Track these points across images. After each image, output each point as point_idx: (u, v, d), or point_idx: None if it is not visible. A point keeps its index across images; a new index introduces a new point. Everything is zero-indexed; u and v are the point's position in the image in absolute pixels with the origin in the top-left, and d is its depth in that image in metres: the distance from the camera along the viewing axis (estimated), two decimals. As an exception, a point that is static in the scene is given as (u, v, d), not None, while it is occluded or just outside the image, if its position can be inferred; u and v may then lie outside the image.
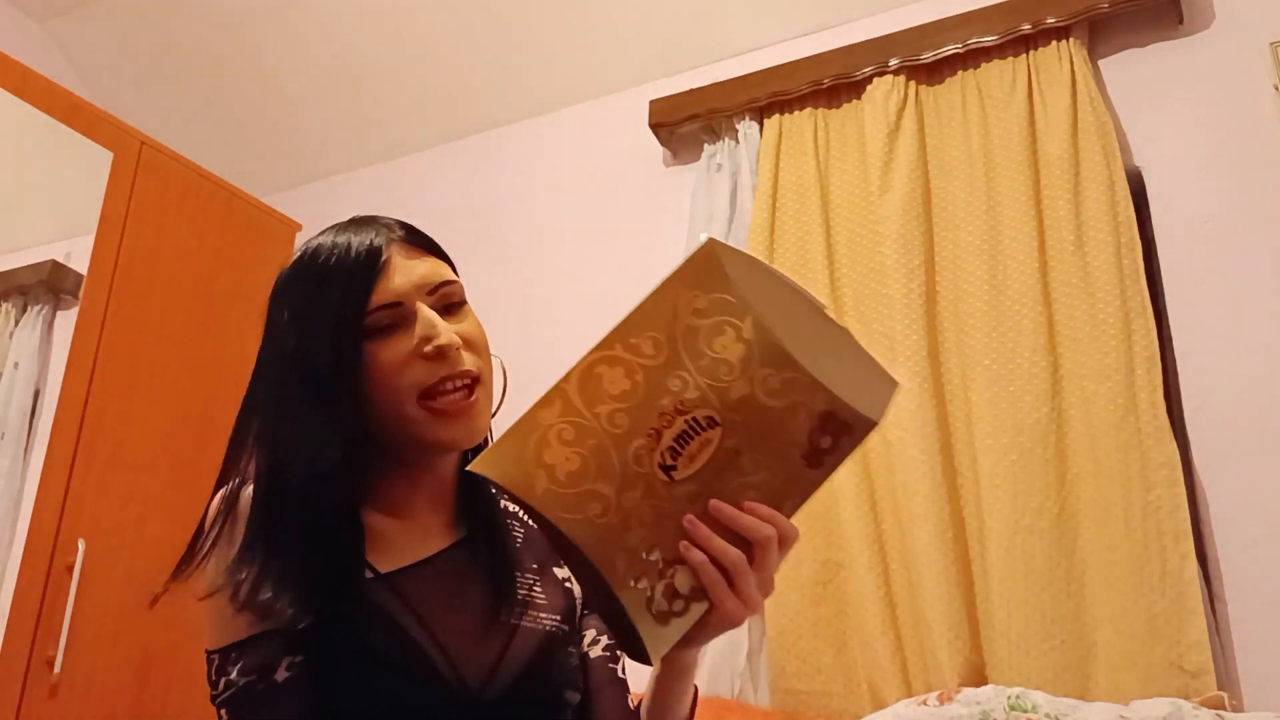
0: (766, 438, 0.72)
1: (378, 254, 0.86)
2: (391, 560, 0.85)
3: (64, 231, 2.07)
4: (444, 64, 2.63)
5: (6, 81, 1.96)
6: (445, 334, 0.84)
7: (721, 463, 0.72)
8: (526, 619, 0.88)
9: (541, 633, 0.88)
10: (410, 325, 0.85)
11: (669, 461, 0.71)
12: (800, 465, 0.72)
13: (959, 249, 1.93)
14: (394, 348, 0.84)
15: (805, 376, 0.72)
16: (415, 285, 0.86)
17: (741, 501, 0.72)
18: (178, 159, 2.31)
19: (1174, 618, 1.54)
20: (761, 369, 0.72)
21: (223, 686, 0.79)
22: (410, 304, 0.85)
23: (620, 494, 0.71)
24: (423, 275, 0.87)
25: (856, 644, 1.78)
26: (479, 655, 0.83)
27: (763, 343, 0.72)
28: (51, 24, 2.80)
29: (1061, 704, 1.43)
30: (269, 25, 2.66)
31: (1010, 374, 1.79)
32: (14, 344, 1.96)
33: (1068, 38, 1.94)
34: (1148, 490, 1.62)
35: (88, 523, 1.93)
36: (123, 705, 1.92)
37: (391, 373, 0.83)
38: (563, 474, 0.71)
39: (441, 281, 0.88)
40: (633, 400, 0.71)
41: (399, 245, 0.89)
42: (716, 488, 0.72)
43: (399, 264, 0.87)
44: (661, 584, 0.71)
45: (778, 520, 0.72)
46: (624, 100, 2.49)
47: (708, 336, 0.72)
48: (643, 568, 0.71)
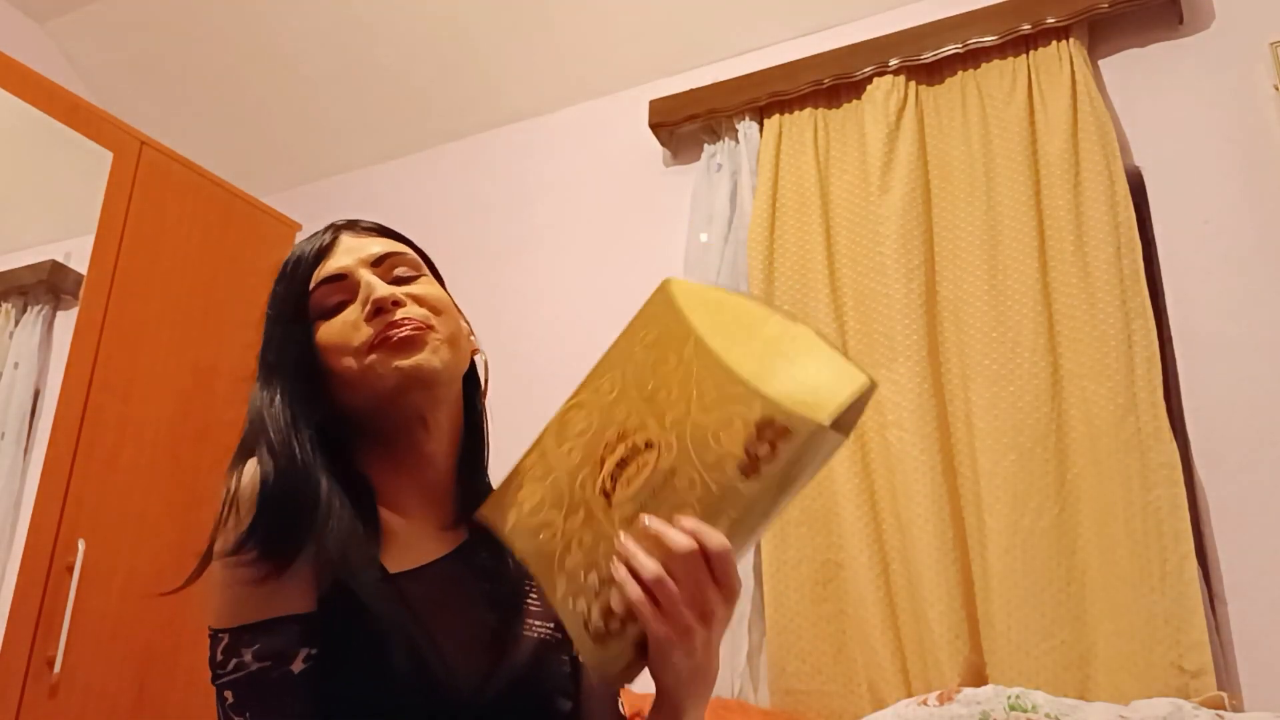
0: (701, 453, 0.71)
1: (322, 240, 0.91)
2: (398, 561, 0.86)
3: (64, 231, 2.07)
4: (444, 64, 2.63)
5: (6, 81, 1.96)
6: (383, 289, 0.86)
7: (657, 483, 0.72)
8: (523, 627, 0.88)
9: (536, 641, 0.88)
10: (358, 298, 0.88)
11: (608, 486, 0.74)
12: (735, 477, 0.70)
13: (959, 249, 1.93)
14: (344, 319, 0.87)
15: (740, 387, 0.71)
16: (359, 259, 0.90)
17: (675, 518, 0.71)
18: (178, 159, 2.30)
19: (1174, 618, 1.54)
20: (699, 386, 0.73)
21: (232, 667, 0.78)
22: (354, 276, 0.88)
23: (565, 520, 0.74)
24: (368, 250, 0.90)
25: (856, 644, 1.78)
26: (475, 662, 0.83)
27: (701, 360, 0.73)
28: (51, 24, 2.80)
29: (1061, 704, 1.43)
30: (269, 25, 2.66)
31: (1010, 374, 1.79)
32: (14, 344, 1.96)
33: (1068, 38, 1.94)
34: (1148, 490, 1.62)
35: (88, 523, 1.93)
36: (123, 705, 1.92)
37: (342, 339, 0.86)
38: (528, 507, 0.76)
39: (386, 253, 0.91)
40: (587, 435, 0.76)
41: (347, 231, 0.93)
42: (653, 508, 0.72)
43: (344, 243, 0.91)
44: (597, 604, 0.72)
45: (701, 533, 0.69)
46: (624, 100, 2.49)
47: (653, 365, 0.75)
48: (580, 589, 0.73)
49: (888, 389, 1.86)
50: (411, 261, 0.93)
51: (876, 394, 2.05)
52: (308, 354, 0.87)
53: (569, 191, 2.52)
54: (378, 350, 0.85)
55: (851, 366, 0.71)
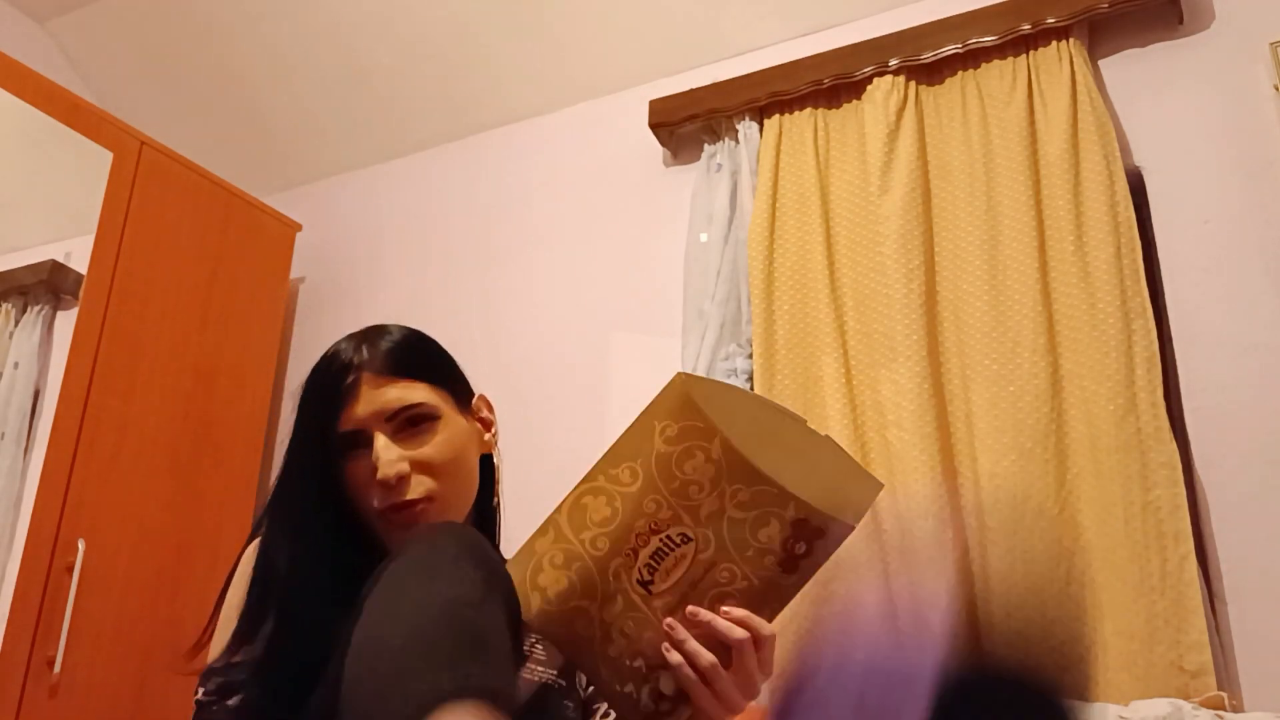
0: (740, 548, 0.78)
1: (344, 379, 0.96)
2: None
3: (64, 231, 2.08)
4: (444, 64, 2.63)
5: (6, 81, 1.96)
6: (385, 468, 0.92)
7: (697, 575, 0.79)
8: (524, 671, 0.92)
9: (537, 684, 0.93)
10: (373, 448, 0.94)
11: (646, 577, 0.79)
12: (776, 571, 0.78)
13: (959, 249, 1.93)
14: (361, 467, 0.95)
15: (774, 488, 0.78)
16: (374, 413, 0.95)
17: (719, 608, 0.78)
18: (178, 159, 2.31)
19: (1174, 618, 1.54)
20: (731, 485, 0.79)
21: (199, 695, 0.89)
22: (370, 431, 0.94)
23: (601, 609, 0.79)
24: (384, 403, 0.95)
25: (856, 644, 1.78)
26: None
27: (730, 460, 0.79)
28: (51, 24, 2.80)
29: (1061, 704, 1.43)
30: (269, 25, 2.66)
31: (1010, 374, 1.79)
32: (14, 344, 1.96)
33: (1068, 38, 1.94)
34: (1148, 490, 1.62)
35: (88, 523, 1.93)
36: (123, 705, 1.92)
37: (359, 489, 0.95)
38: (553, 594, 0.79)
39: (402, 407, 0.96)
40: (612, 524, 0.80)
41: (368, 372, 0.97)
42: (694, 598, 0.79)
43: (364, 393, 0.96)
44: (646, 688, 0.79)
45: (751, 622, 0.78)
46: (624, 100, 2.49)
47: (679, 460, 0.79)
48: (628, 674, 0.79)
49: (888, 389, 1.86)
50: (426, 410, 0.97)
51: (877, 394, 2.05)
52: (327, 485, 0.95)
53: (569, 191, 2.52)
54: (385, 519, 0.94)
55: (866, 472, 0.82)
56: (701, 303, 2.13)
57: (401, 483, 0.93)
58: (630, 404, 2.38)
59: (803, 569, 0.79)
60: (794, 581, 0.79)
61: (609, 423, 2.22)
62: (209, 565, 2.13)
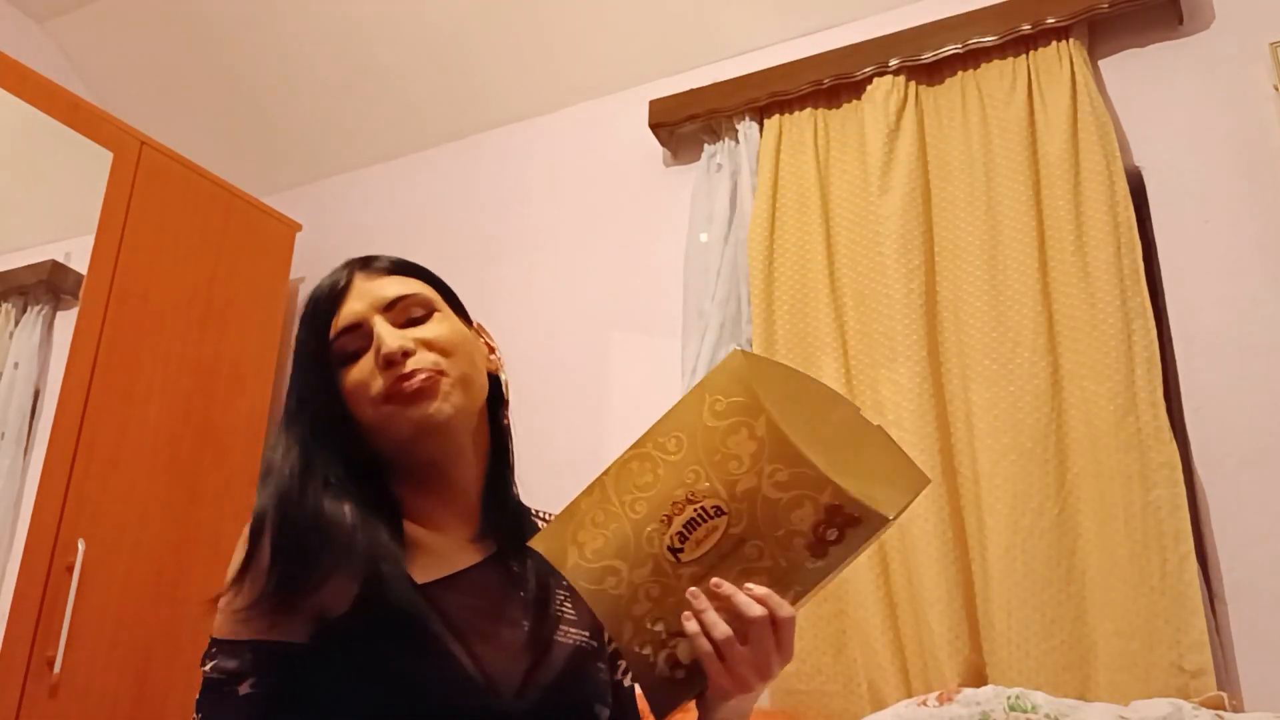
0: (771, 527, 0.79)
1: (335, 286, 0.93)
2: (428, 571, 0.88)
3: (64, 231, 2.08)
4: (444, 64, 2.63)
5: (6, 81, 1.96)
6: (390, 342, 0.89)
7: (726, 549, 0.79)
8: (559, 634, 0.90)
9: (571, 647, 0.91)
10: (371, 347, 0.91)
11: (677, 544, 0.80)
12: (804, 554, 0.78)
13: (959, 249, 1.93)
14: (361, 368, 0.90)
15: (813, 471, 0.78)
16: (370, 304, 0.92)
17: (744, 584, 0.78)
18: (178, 159, 2.31)
19: (1174, 618, 1.54)
20: (771, 464, 0.79)
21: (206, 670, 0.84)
22: (368, 323, 0.91)
23: (632, 570, 0.81)
24: (379, 294, 0.93)
25: (856, 644, 1.78)
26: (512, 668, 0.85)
27: (774, 440, 0.79)
28: (51, 24, 2.80)
29: (1061, 704, 1.43)
30: (269, 25, 2.66)
31: (1010, 374, 1.79)
32: (14, 344, 1.96)
33: (1068, 38, 1.94)
34: (1148, 490, 1.62)
35: (88, 523, 1.93)
36: (123, 705, 1.92)
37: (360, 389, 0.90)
38: (589, 551, 0.82)
39: (398, 296, 0.93)
40: (652, 490, 0.82)
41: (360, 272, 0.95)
42: (721, 571, 0.79)
43: (356, 288, 0.93)
44: (664, 653, 0.80)
45: (770, 600, 0.77)
46: (624, 100, 2.49)
47: (723, 435, 0.81)
48: (647, 636, 0.80)
49: (888, 389, 1.86)
50: (424, 300, 0.95)
51: (877, 394, 2.05)
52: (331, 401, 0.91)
53: (569, 191, 2.52)
54: (392, 402, 0.89)
55: (913, 465, 0.81)
56: (701, 303, 2.13)
57: (405, 358, 0.89)
58: (630, 404, 2.40)
59: (832, 555, 0.78)
60: (821, 567, 0.78)
61: (609, 423, 2.22)
62: (209, 565, 2.13)
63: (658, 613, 0.80)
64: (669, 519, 0.81)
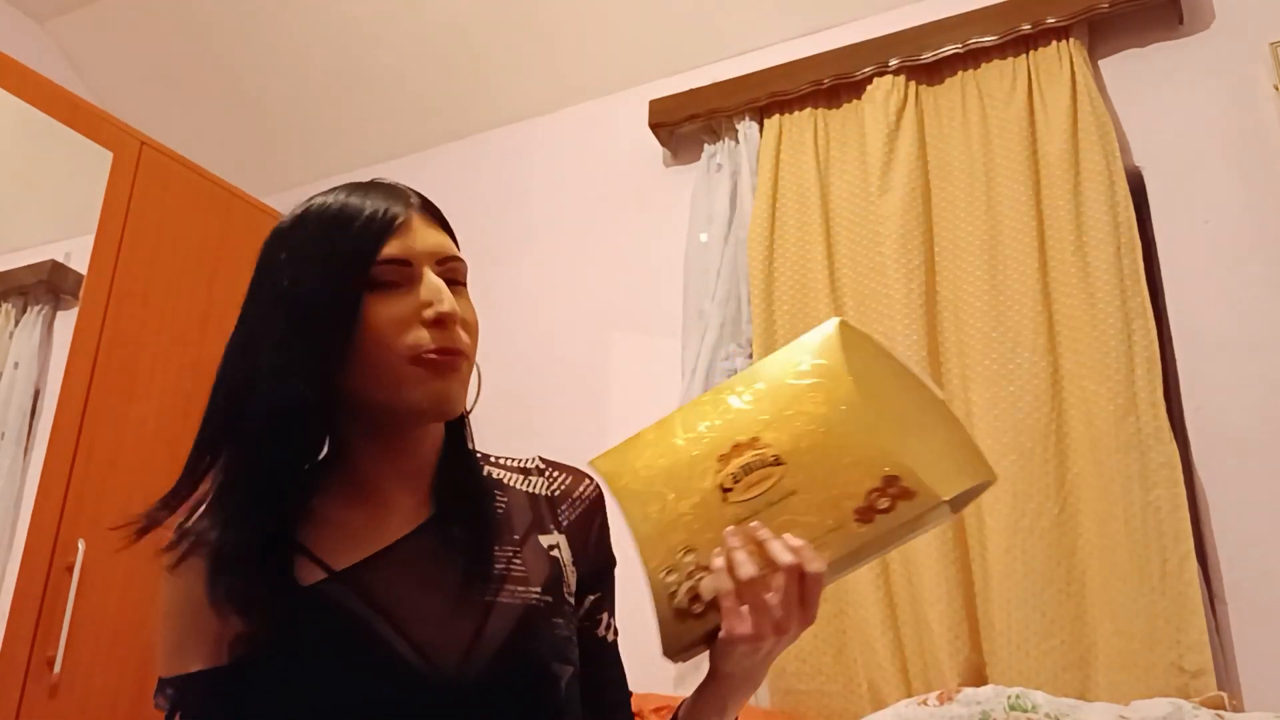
0: (825, 486, 0.79)
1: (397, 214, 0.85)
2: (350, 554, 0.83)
3: (64, 231, 2.07)
4: (443, 64, 2.63)
5: (6, 81, 1.96)
6: (450, 303, 0.82)
7: (775, 498, 0.80)
8: (504, 594, 0.85)
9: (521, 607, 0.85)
10: (415, 287, 0.83)
11: (728, 484, 0.81)
12: (850, 517, 0.78)
13: (959, 249, 1.93)
14: (396, 305, 0.82)
15: (877, 438, 0.79)
16: (429, 251, 0.85)
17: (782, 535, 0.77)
18: (178, 159, 2.30)
19: (1174, 618, 1.54)
20: (840, 426, 0.80)
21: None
22: (419, 267, 0.84)
23: (678, 499, 0.82)
24: (437, 243, 0.87)
25: (856, 644, 1.78)
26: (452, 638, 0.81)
27: (848, 403, 0.81)
28: (51, 24, 2.80)
29: (1061, 704, 1.43)
30: (269, 25, 2.66)
31: (1010, 374, 1.79)
32: (14, 344, 1.96)
33: (1068, 38, 1.94)
34: (1148, 490, 1.62)
35: (88, 523, 1.93)
36: (123, 705, 1.92)
37: (390, 329, 0.81)
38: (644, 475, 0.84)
39: (451, 255, 0.88)
40: (718, 430, 0.83)
41: (419, 212, 0.88)
42: (765, 519, 0.79)
43: (417, 227, 0.86)
44: (687, 584, 0.80)
45: (804, 552, 0.76)
46: (624, 100, 2.49)
47: (800, 392, 0.83)
48: (675, 565, 0.80)
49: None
50: (464, 270, 0.90)
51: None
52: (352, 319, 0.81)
53: (569, 191, 2.52)
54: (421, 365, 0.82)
55: (982, 457, 0.80)
56: (701, 303, 2.13)
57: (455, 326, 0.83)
58: (630, 404, 2.39)
59: (878, 524, 0.77)
60: (865, 533, 0.77)
61: (609, 423, 2.22)
62: (209, 565, 2.12)
63: (691, 543, 0.80)
64: (726, 458, 0.82)
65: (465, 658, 0.80)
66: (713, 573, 0.78)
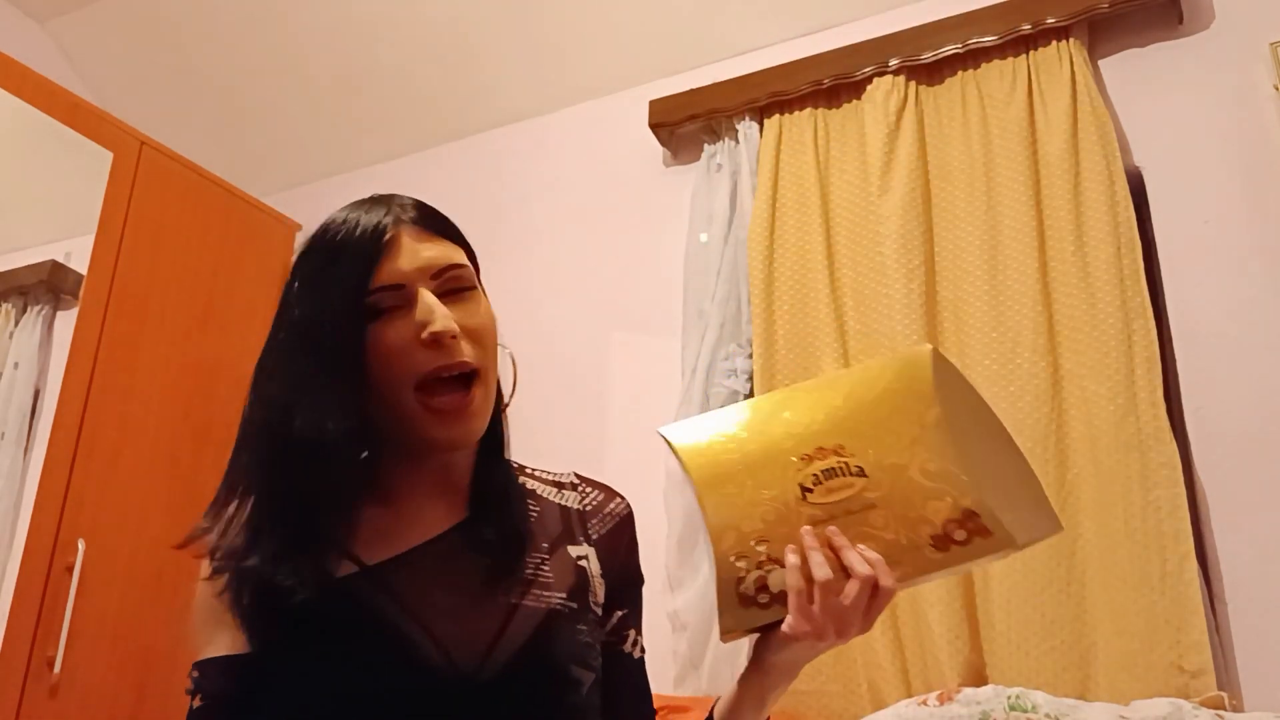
0: (904, 506, 0.81)
1: (384, 233, 0.86)
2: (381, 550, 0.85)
3: (64, 231, 2.07)
4: (443, 65, 2.63)
5: (6, 81, 1.96)
6: (442, 321, 0.83)
7: (854, 507, 0.81)
8: (529, 598, 0.86)
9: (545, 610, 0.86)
10: (413, 309, 0.84)
11: (809, 485, 0.82)
12: (926, 543, 0.80)
13: (959, 249, 1.93)
14: (396, 330, 0.83)
15: (965, 474, 0.81)
16: (419, 268, 0.85)
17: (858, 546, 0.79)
18: (178, 159, 2.30)
19: (1174, 618, 1.54)
20: (926, 452, 0.82)
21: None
22: (412, 287, 0.85)
23: (757, 489, 0.82)
24: (429, 258, 0.86)
25: (856, 644, 1.78)
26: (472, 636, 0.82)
27: (938, 432, 0.83)
28: (51, 24, 2.80)
29: (1061, 704, 1.43)
30: (269, 26, 2.66)
31: (1010, 374, 1.79)
32: (14, 344, 1.96)
33: (1068, 38, 1.94)
34: (1148, 490, 1.62)
35: (88, 523, 1.93)
36: (123, 705, 1.92)
37: (392, 355, 0.83)
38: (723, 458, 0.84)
39: (447, 265, 0.87)
40: (806, 429, 0.84)
41: (409, 226, 0.88)
42: (841, 526, 0.80)
43: (406, 245, 0.86)
44: (756, 573, 0.80)
45: (880, 566, 0.78)
46: (624, 100, 2.49)
47: (891, 410, 0.85)
48: (746, 552, 0.81)
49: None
50: (467, 276, 0.89)
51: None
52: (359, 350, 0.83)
53: (569, 191, 2.52)
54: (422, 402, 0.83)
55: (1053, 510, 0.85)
56: (701, 303, 2.13)
57: (454, 342, 0.83)
58: (630, 404, 2.39)
59: (951, 554, 0.79)
60: (936, 560, 0.80)
61: (609, 423, 2.22)
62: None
63: (766, 534, 0.81)
64: (810, 458, 0.83)
65: (486, 656, 0.81)
66: (785, 568, 0.79)
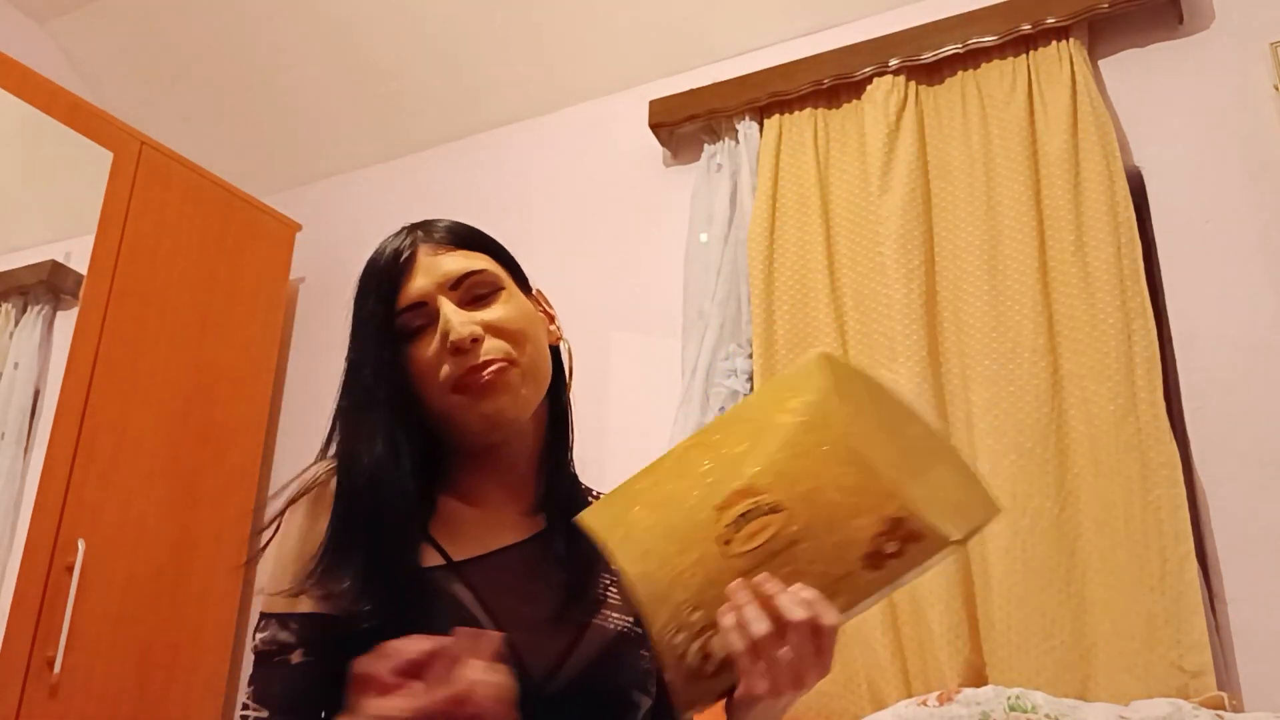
0: (828, 532, 0.75)
1: (399, 256, 0.90)
2: (467, 548, 0.88)
3: (64, 231, 2.08)
4: (443, 64, 2.63)
5: (6, 81, 1.96)
6: (458, 329, 0.86)
7: (778, 547, 0.75)
8: (598, 617, 0.88)
9: (612, 632, 0.88)
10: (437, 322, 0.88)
11: (727, 536, 0.76)
12: (858, 564, 0.74)
13: (959, 249, 1.93)
14: (428, 346, 0.88)
15: (880, 481, 0.74)
16: (437, 282, 0.89)
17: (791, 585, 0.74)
18: (178, 159, 2.31)
19: (1174, 618, 1.54)
20: (838, 467, 0.75)
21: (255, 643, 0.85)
22: (434, 302, 0.89)
23: (678, 555, 0.77)
24: (446, 271, 0.90)
25: (856, 644, 1.78)
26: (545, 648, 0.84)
27: (846, 444, 0.76)
28: (51, 24, 2.80)
29: (1061, 704, 1.43)
30: (269, 25, 2.66)
31: (1010, 374, 1.79)
32: (14, 344, 1.96)
33: (1068, 38, 1.94)
34: (1148, 490, 1.62)
35: (88, 523, 1.93)
36: (123, 705, 1.92)
37: (428, 370, 0.87)
38: (639, 531, 0.79)
39: (465, 273, 0.91)
40: (710, 478, 0.78)
41: (426, 244, 0.92)
42: (770, 569, 0.75)
43: (422, 263, 0.90)
44: (697, 643, 0.76)
45: (817, 605, 0.73)
46: (624, 100, 2.49)
47: (791, 433, 0.77)
48: (682, 625, 0.76)
49: (888, 389, 1.86)
50: (490, 278, 0.92)
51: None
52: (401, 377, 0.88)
53: (569, 191, 2.52)
54: (461, 392, 0.87)
55: (986, 492, 0.78)
56: (701, 303, 2.13)
57: (475, 345, 0.87)
58: (630, 404, 2.39)
59: (888, 569, 0.74)
60: (875, 579, 0.74)
61: (609, 423, 2.22)
62: (209, 565, 2.13)
63: (697, 601, 0.76)
64: (722, 508, 0.77)
65: (554, 670, 0.83)
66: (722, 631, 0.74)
